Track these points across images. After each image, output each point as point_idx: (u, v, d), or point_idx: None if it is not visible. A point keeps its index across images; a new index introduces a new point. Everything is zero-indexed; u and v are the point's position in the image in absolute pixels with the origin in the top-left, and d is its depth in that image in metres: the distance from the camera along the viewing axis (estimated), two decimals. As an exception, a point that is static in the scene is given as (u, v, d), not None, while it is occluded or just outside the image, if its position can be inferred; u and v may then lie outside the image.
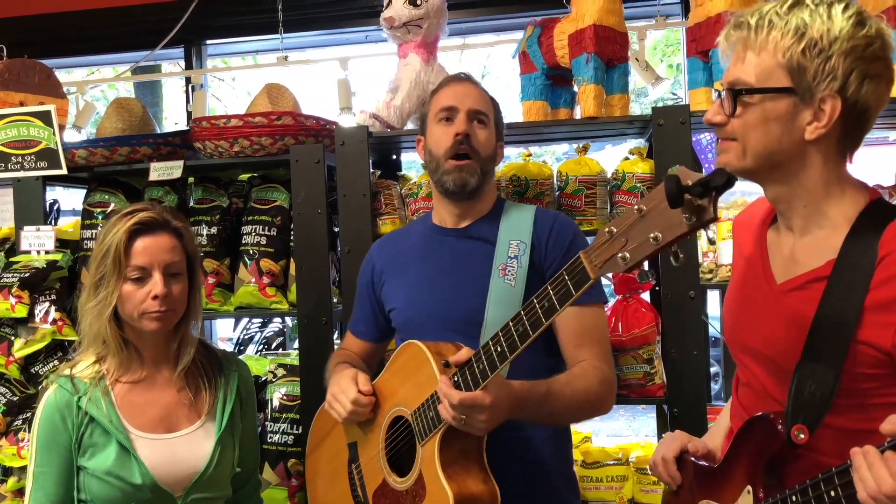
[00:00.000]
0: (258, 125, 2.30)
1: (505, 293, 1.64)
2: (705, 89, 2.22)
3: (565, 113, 2.39)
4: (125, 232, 1.57)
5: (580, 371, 1.60)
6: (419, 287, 1.74)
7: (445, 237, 1.77)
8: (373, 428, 1.69)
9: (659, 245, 1.05)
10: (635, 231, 1.09)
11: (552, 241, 1.70)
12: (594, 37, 2.15)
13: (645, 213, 1.07)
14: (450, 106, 1.73)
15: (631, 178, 2.20)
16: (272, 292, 2.41)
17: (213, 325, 4.04)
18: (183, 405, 1.66)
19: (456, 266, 1.72)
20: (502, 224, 1.72)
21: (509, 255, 1.66)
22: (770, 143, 1.19)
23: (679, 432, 1.46)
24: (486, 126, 1.74)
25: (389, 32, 2.36)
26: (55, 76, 2.71)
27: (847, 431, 1.15)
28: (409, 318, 1.75)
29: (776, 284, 1.26)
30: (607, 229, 1.14)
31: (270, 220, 2.45)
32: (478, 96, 1.75)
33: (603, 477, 2.26)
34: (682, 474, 1.41)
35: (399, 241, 1.87)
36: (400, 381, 1.64)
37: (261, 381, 2.49)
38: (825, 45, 1.14)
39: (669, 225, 1.03)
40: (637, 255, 1.09)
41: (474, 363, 1.41)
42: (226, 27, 3.72)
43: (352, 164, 2.27)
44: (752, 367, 1.30)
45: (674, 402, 2.11)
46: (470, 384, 1.41)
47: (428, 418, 1.51)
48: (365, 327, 1.90)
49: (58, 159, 2.44)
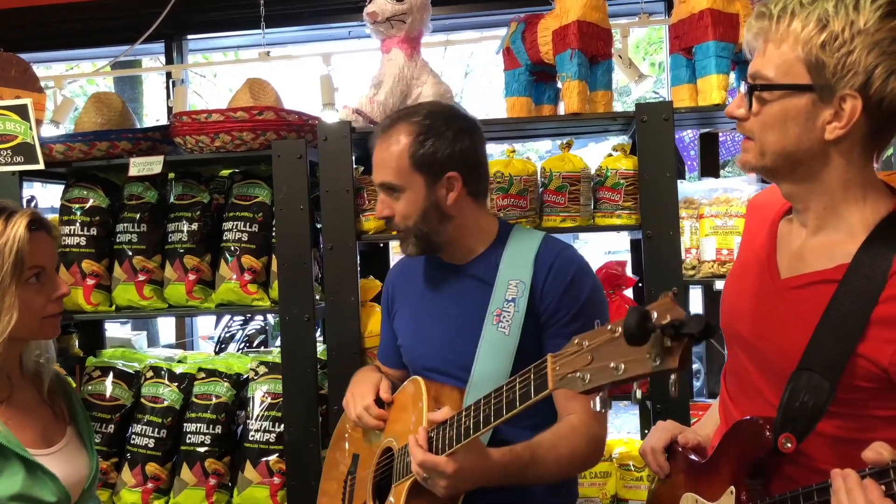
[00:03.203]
0: (239, 120, 2.27)
1: (497, 342, 1.52)
2: (688, 86, 2.22)
3: (549, 109, 2.38)
4: (25, 229, 1.47)
5: (567, 430, 1.49)
6: (420, 326, 1.67)
7: (448, 274, 1.66)
8: (373, 448, 1.67)
9: (617, 378, 0.97)
10: (602, 352, 1.01)
11: (549, 282, 1.55)
12: (578, 33, 2.14)
13: (618, 335, 0.97)
14: (372, 181, 1.65)
15: (614, 175, 2.20)
16: (254, 289, 2.39)
17: (194, 323, 4.02)
18: (50, 418, 1.57)
19: (454, 307, 1.62)
20: (504, 260, 1.58)
21: (506, 298, 1.53)
22: (788, 143, 1.14)
23: (671, 422, 1.46)
24: (402, 193, 1.56)
25: (372, 27, 2.35)
26: (32, 70, 2.67)
27: (837, 440, 1.13)
28: (412, 354, 1.70)
29: (780, 279, 1.22)
30: (577, 340, 1.07)
31: (252, 217, 2.42)
32: (385, 160, 1.56)
33: (586, 473, 2.26)
34: (671, 464, 1.40)
35: (412, 271, 1.77)
36: (398, 413, 1.61)
37: (242, 379, 2.48)
38: (847, 39, 1.07)
39: (633, 360, 0.95)
40: (596, 380, 1.01)
41: (448, 427, 1.35)
42: (207, 22, 3.70)
43: (334, 160, 2.25)
44: (743, 358, 1.28)
45: (656, 398, 2.11)
46: (439, 447, 1.36)
47: (404, 462, 1.47)
48: (388, 357, 1.83)
49: (35, 154, 2.40)
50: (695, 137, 3.37)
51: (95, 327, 2.85)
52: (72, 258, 2.49)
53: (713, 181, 2.37)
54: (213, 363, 2.52)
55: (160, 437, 2.40)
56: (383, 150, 1.58)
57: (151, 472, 2.39)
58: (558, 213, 2.22)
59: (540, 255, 1.57)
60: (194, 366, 2.51)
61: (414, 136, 1.56)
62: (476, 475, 1.36)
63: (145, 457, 2.39)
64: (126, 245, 2.49)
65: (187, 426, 2.40)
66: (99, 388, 2.49)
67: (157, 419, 2.42)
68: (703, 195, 2.29)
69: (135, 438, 2.42)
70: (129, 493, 2.38)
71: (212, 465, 2.36)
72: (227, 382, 2.44)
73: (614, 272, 2.18)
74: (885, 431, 1.08)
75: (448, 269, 1.66)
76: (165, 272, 2.48)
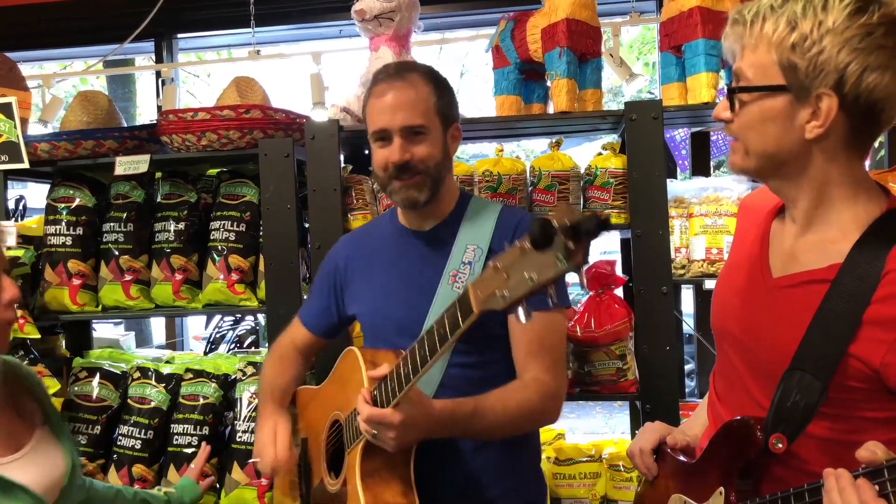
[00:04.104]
0: (226, 119, 2.26)
1: (450, 301, 1.57)
2: (678, 84, 2.21)
3: (539, 108, 2.37)
4: None
5: (518, 385, 1.54)
6: (382, 291, 1.68)
7: (410, 239, 1.70)
8: (318, 427, 1.69)
9: (535, 285, 1.03)
10: (515, 268, 1.07)
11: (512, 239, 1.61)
12: (567, 31, 2.13)
13: (527, 250, 1.04)
14: (382, 128, 1.58)
15: (604, 174, 2.19)
16: (241, 289, 2.37)
17: (184, 323, 3.99)
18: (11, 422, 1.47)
19: (414, 270, 1.65)
20: (463, 226, 1.64)
21: (463, 261, 1.59)
22: (768, 143, 1.14)
23: (659, 423, 1.45)
24: (426, 136, 1.59)
25: (361, 25, 2.33)
26: (18, 68, 2.64)
27: (828, 441, 1.12)
28: (374, 324, 1.71)
29: (771, 278, 1.21)
30: (492, 264, 1.12)
31: (239, 216, 2.40)
32: (409, 103, 1.57)
33: (576, 474, 2.25)
34: (659, 466, 1.39)
35: (366, 241, 1.80)
36: (340, 386, 1.63)
37: (230, 380, 2.46)
38: (816, 38, 1.07)
39: (542, 266, 1.02)
40: (515, 293, 1.07)
41: (388, 381, 1.38)
42: (197, 21, 3.67)
43: (322, 159, 2.23)
44: (733, 357, 1.27)
45: (646, 399, 2.10)
46: (383, 401, 1.38)
47: (353, 428, 1.50)
48: (316, 320, 1.84)
49: (19, 153, 2.38)
50: (686, 136, 3.36)
51: (82, 328, 2.83)
52: (57, 258, 2.47)
53: (703, 180, 2.36)
54: (200, 364, 2.50)
55: (147, 439, 2.38)
56: (404, 93, 1.58)
57: (138, 473, 2.37)
58: (547, 213, 2.20)
59: (500, 222, 1.62)
60: (181, 366, 2.49)
61: (433, 84, 1.61)
62: (423, 423, 1.39)
63: (132, 458, 2.37)
64: (112, 245, 2.47)
65: (174, 427, 2.38)
66: (85, 388, 2.47)
67: (144, 420, 2.40)
68: (693, 194, 2.27)
69: (121, 440, 2.40)
70: (116, 495, 2.36)
71: (199, 466, 2.34)
72: (215, 383, 2.42)
73: (603, 271, 2.17)
74: (877, 433, 1.06)
75: (412, 234, 1.69)
76: (152, 272, 2.47)
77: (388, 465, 1.47)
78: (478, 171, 2.25)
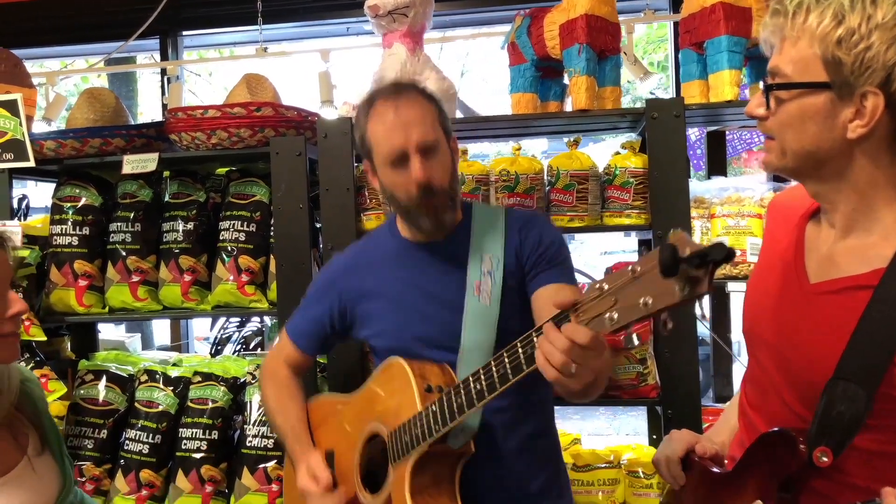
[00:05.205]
0: (237, 116, 2.21)
1: (480, 312, 1.55)
2: (699, 82, 2.16)
3: (555, 106, 2.32)
4: None
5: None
6: (402, 309, 1.62)
7: (420, 253, 1.64)
8: (350, 439, 1.63)
9: (648, 311, 1.00)
10: (626, 292, 1.03)
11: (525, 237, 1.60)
12: (586, 27, 2.08)
13: (639, 274, 1.02)
14: (398, 150, 1.51)
15: (623, 173, 2.14)
16: (251, 290, 2.32)
17: (189, 325, 3.94)
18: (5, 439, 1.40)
19: (436, 285, 1.61)
20: (474, 235, 1.61)
21: (483, 271, 1.57)
22: (807, 142, 1.09)
23: (686, 431, 1.40)
24: (438, 152, 1.53)
25: (374, 21, 2.28)
26: (23, 65, 2.59)
27: (871, 453, 1.08)
28: (396, 342, 1.62)
29: (808, 283, 1.16)
30: (598, 285, 1.08)
31: (249, 216, 2.35)
32: (419, 118, 1.52)
33: (594, 480, 2.20)
34: (686, 475, 1.35)
35: (367, 259, 1.71)
36: (382, 396, 1.58)
37: (239, 383, 2.41)
38: (864, 34, 1.02)
39: (661, 292, 0.98)
40: (625, 317, 1.04)
41: (453, 396, 1.37)
42: (203, 18, 3.62)
43: (335, 158, 2.18)
44: (767, 365, 1.23)
45: (668, 404, 2.06)
46: (447, 416, 1.37)
47: (404, 441, 1.46)
48: (308, 340, 1.76)
49: (25, 151, 2.33)
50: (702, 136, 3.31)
51: (88, 329, 2.77)
52: (63, 258, 2.42)
53: (724, 180, 2.31)
54: (209, 366, 2.45)
55: (155, 443, 2.33)
56: (412, 109, 1.52)
57: (146, 479, 2.32)
58: (566, 213, 2.15)
59: (508, 227, 1.61)
60: (190, 369, 2.44)
61: (429, 98, 1.58)
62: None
63: (139, 463, 2.32)
64: (119, 245, 2.42)
65: (182, 431, 2.33)
66: (91, 392, 2.42)
67: (152, 424, 2.35)
68: (714, 194, 2.23)
69: (128, 444, 2.35)
70: (123, 501, 2.31)
71: (208, 471, 2.29)
72: (224, 386, 2.37)
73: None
74: None
75: (422, 248, 1.64)
76: (160, 273, 2.42)
77: (436, 483, 1.45)
78: (494, 171, 2.20)
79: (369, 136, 1.56)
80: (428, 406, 1.42)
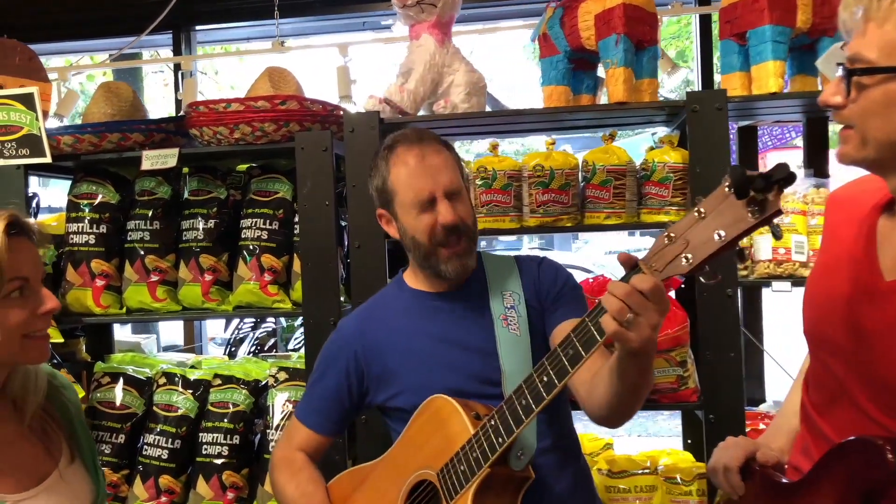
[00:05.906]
0: (261, 110, 2.13)
1: (513, 342, 1.52)
2: (741, 73, 2.09)
3: (588, 99, 2.25)
4: (2, 234, 1.24)
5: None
6: (427, 362, 1.54)
7: (435, 302, 1.58)
8: (387, 498, 1.51)
9: (723, 242, 1.03)
10: (696, 231, 1.07)
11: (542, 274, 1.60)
12: (623, 17, 2.01)
13: (705, 214, 1.06)
14: (427, 194, 1.49)
15: (662, 168, 2.07)
16: (274, 290, 2.24)
17: (202, 325, 3.88)
18: (34, 452, 1.32)
19: (459, 331, 1.55)
20: (489, 278, 1.59)
21: (506, 306, 1.55)
22: (893, 131, 1.03)
23: (743, 438, 1.33)
24: (462, 197, 1.54)
25: (401, 12, 2.21)
26: (38, 58, 2.52)
27: None
28: (421, 396, 1.52)
29: (884, 281, 1.10)
30: (665, 235, 1.11)
31: (272, 213, 2.28)
32: (445, 165, 1.52)
33: (631, 487, 2.12)
34: (746, 484, 1.28)
35: (378, 318, 1.63)
36: (422, 440, 1.48)
37: (261, 385, 2.34)
38: None
39: (733, 220, 1.02)
40: (701, 254, 1.06)
41: (506, 409, 1.33)
42: (217, 12, 3.56)
43: (362, 153, 2.10)
44: (834, 366, 1.16)
45: (710, 408, 1.98)
46: (510, 424, 1.31)
47: (459, 472, 1.37)
48: (322, 418, 1.63)
49: (41, 146, 2.25)
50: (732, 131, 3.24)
51: (104, 331, 2.71)
52: (80, 257, 2.35)
53: (763, 176, 2.23)
54: (229, 369, 2.38)
55: (174, 448, 2.27)
56: (438, 155, 1.53)
57: (165, 485, 2.25)
58: (602, 210, 2.08)
59: (522, 268, 1.62)
60: (210, 371, 2.37)
61: (446, 145, 1.58)
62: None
63: (158, 469, 2.26)
64: (137, 243, 2.35)
65: (203, 436, 2.26)
66: (108, 395, 2.36)
67: (171, 429, 2.28)
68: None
69: (147, 449, 2.28)
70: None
71: (229, 477, 2.22)
72: (245, 389, 2.30)
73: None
74: None
75: (438, 297, 1.59)
76: (179, 272, 2.34)
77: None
78: (528, 166, 2.13)
79: (392, 182, 1.53)
80: (485, 423, 1.34)
